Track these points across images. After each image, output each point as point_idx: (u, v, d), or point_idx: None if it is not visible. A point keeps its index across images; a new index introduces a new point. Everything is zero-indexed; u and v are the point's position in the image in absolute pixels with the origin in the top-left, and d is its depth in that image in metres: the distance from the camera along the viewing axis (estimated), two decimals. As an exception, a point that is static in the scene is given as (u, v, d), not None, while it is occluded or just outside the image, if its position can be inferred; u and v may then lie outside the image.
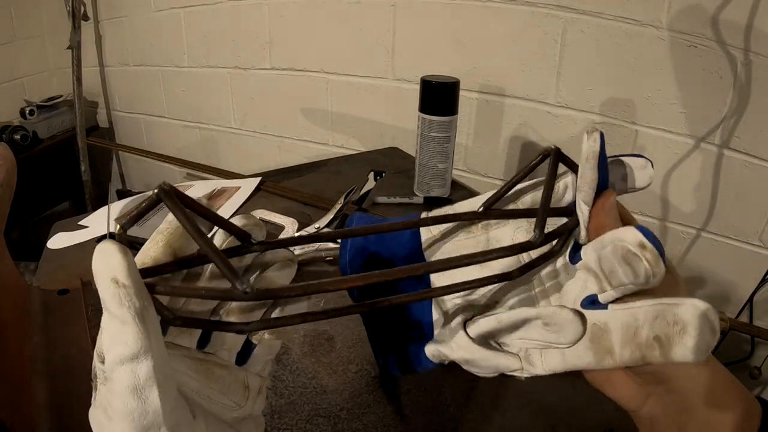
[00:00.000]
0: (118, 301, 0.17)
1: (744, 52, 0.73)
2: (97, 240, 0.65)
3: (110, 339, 0.17)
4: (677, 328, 0.20)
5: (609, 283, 0.22)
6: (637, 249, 0.20)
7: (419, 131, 0.76)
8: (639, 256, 0.20)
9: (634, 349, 0.21)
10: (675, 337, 0.20)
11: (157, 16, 1.30)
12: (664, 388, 0.23)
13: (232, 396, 0.23)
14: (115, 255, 0.18)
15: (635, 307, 0.22)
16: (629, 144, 0.86)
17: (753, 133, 0.77)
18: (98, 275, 0.18)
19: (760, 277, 0.79)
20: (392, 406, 0.43)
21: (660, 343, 0.21)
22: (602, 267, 0.22)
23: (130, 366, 0.17)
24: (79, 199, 1.46)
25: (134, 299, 0.17)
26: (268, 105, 1.24)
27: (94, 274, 0.18)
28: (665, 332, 0.20)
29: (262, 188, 0.81)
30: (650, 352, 0.21)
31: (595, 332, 0.22)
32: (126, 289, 0.17)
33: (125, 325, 0.17)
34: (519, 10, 0.87)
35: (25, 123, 1.32)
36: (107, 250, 0.18)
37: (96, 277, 0.18)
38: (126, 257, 0.18)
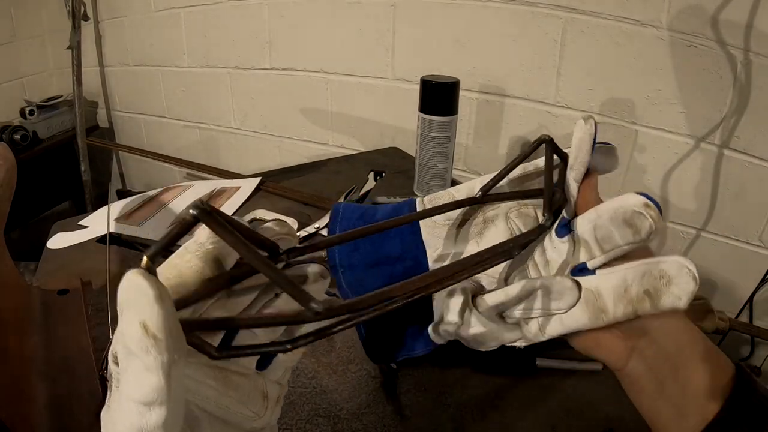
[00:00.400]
0: (144, 348, 0.15)
1: (744, 52, 0.73)
2: (97, 240, 0.65)
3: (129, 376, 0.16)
4: (663, 281, 0.23)
5: (600, 248, 0.25)
6: (642, 209, 0.23)
7: (419, 131, 0.76)
8: (644, 215, 0.23)
9: (626, 305, 0.24)
10: (662, 288, 0.23)
11: (157, 16, 1.30)
12: (647, 340, 0.25)
13: (251, 405, 0.22)
14: (148, 299, 0.15)
15: (623, 268, 0.24)
16: (629, 144, 0.86)
17: (753, 133, 0.77)
18: (125, 311, 0.16)
19: (760, 277, 0.79)
20: (392, 406, 0.43)
21: (649, 295, 0.23)
22: (596, 235, 0.25)
23: (142, 408, 0.16)
24: (79, 199, 1.46)
25: (164, 353, 0.15)
26: (268, 105, 1.24)
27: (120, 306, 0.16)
28: (653, 285, 0.23)
29: (262, 188, 0.81)
30: (641, 305, 0.23)
31: (588, 296, 0.25)
32: (156, 341, 0.15)
33: (147, 372, 0.15)
34: (519, 10, 0.87)
35: (25, 123, 1.32)
36: (140, 287, 0.15)
37: (121, 310, 0.16)
38: (162, 304, 0.15)
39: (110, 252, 0.62)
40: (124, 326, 0.15)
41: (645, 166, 0.87)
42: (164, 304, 0.15)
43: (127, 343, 0.15)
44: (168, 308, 0.15)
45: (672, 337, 0.25)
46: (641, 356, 0.25)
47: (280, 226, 0.23)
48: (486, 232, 0.30)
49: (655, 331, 0.25)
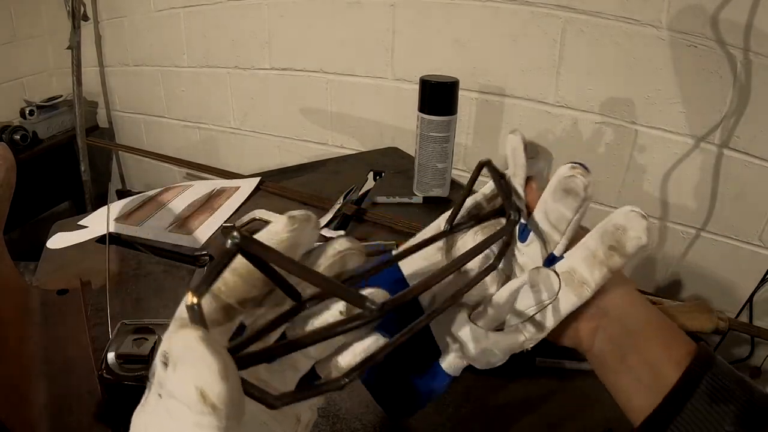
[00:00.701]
0: (199, 411, 0.14)
1: (744, 51, 0.73)
2: (97, 240, 0.65)
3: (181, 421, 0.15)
4: (620, 231, 0.25)
5: (558, 231, 0.27)
6: (570, 171, 0.26)
7: (419, 131, 0.76)
8: (573, 175, 0.26)
9: (600, 267, 0.26)
10: (622, 237, 0.25)
11: (157, 16, 1.30)
12: (609, 318, 0.27)
13: (285, 425, 0.21)
14: (211, 370, 0.14)
15: (583, 241, 0.27)
16: (629, 144, 0.86)
17: (753, 133, 0.77)
18: (179, 365, 0.14)
19: (760, 277, 0.79)
20: (392, 405, 0.43)
21: (614, 249, 0.25)
22: (550, 219, 0.27)
23: None
24: (79, 199, 1.46)
25: (222, 421, 0.14)
26: (268, 105, 1.24)
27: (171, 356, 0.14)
28: (614, 239, 0.25)
29: (261, 188, 0.81)
30: (612, 261, 0.26)
31: (566, 277, 0.27)
32: (215, 410, 0.14)
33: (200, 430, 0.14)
34: (518, 9, 0.87)
35: (24, 123, 1.32)
36: (202, 356, 0.14)
37: (174, 362, 0.14)
38: (228, 380, 0.14)
39: (110, 252, 0.62)
40: (177, 379, 0.14)
41: (645, 166, 0.87)
42: (230, 379, 0.14)
43: (177, 394, 0.14)
44: (233, 382, 0.14)
45: (631, 314, 0.27)
46: (605, 334, 0.28)
47: (341, 244, 0.23)
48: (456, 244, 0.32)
49: (615, 310, 0.27)
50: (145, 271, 0.60)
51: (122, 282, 0.57)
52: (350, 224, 0.71)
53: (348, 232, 0.65)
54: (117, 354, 0.42)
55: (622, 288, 0.28)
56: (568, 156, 0.29)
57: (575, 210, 0.26)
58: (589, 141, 0.90)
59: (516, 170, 0.30)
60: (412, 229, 0.68)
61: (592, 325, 0.28)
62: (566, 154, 0.93)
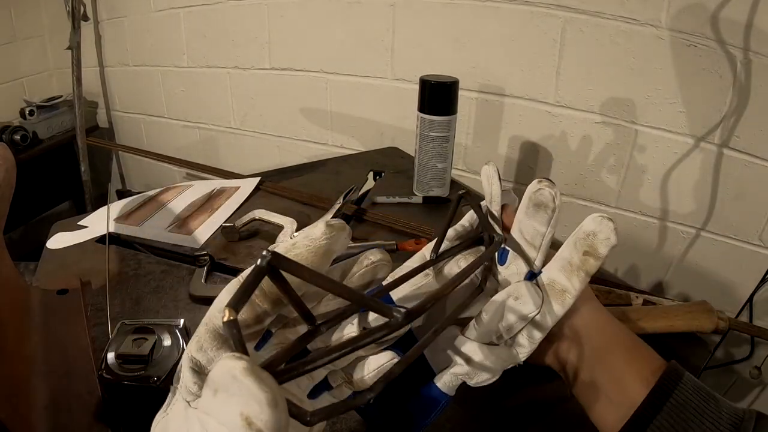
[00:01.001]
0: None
1: (744, 51, 0.73)
2: (96, 240, 0.65)
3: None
4: (591, 237, 0.26)
5: (533, 247, 0.29)
6: (537, 185, 0.27)
7: (418, 131, 0.76)
8: (540, 188, 0.27)
9: (577, 274, 0.27)
10: (594, 241, 0.26)
11: (157, 16, 1.30)
12: (579, 337, 0.29)
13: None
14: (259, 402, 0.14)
15: (558, 253, 0.28)
16: (629, 143, 0.86)
17: (753, 133, 0.77)
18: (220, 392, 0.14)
19: (760, 277, 0.79)
20: (391, 405, 0.43)
21: (588, 254, 0.27)
22: (526, 237, 0.29)
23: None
24: (79, 199, 1.46)
25: None
26: (268, 105, 1.24)
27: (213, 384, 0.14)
28: (586, 244, 0.27)
29: (261, 188, 0.81)
30: (588, 265, 0.27)
31: (548, 289, 0.28)
32: None
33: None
34: (518, 9, 0.87)
35: (25, 123, 1.32)
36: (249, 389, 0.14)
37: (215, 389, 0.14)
38: (276, 409, 0.14)
39: (110, 252, 0.62)
40: (220, 404, 0.14)
41: (645, 166, 0.87)
42: (279, 406, 0.14)
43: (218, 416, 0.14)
44: (282, 409, 0.14)
45: (598, 332, 0.29)
46: (576, 352, 0.29)
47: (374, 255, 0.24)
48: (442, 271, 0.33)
49: (584, 329, 0.29)
50: (145, 271, 0.60)
51: (122, 282, 0.57)
52: (350, 224, 0.71)
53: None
54: (117, 354, 0.42)
55: (590, 305, 0.30)
56: (568, 156, 0.30)
57: (547, 222, 0.28)
58: (589, 141, 0.90)
59: (492, 197, 0.32)
60: (412, 229, 0.68)
61: (565, 344, 0.30)
62: (566, 154, 0.93)
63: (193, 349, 0.18)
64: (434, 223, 0.70)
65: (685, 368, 0.28)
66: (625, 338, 0.29)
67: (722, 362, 0.86)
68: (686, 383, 0.25)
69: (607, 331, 0.29)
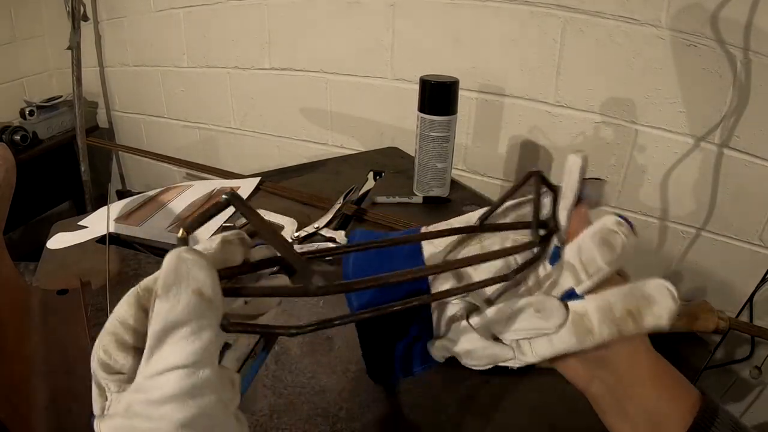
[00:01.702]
0: (199, 312, 0.18)
1: (744, 51, 0.73)
2: (97, 240, 0.65)
3: (175, 348, 0.18)
4: (645, 301, 0.24)
5: (586, 272, 0.26)
6: (615, 227, 0.25)
7: (418, 131, 0.76)
8: (617, 231, 0.25)
9: (610, 325, 0.25)
10: (644, 308, 0.24)
11: (157, 16, 1.30)
12: (607, 371, 0.26)
13: (226, 391, 0.23)
14: (201, 267, 0.18)
15: (607, 291, 0.26)
16: (629, 143, 0.86)
17: (753, 133, 0.77)
18: (173, 287, 0.18)
19: (760, 277, 0.79)
20: (391, 406, 0.43)
21: (632, 316, 0.24)
22: (582, 258, 0.26)
23: (190, 371, 0.18)
24: (79, 199, 1.46)
25: (216, 312, 0.18)
26: (268, 105, 1.24)
27: (164, 284, 0.18)
28: (636, 306, 0.24)
29: (261, 188, 0.81)
30: (625, 325, 0.24)
31: (575, 318, 0.26)
32: (210, 303, 0.18)
33: (200, 333, 0.18)
34: (518, 9, 0.87)
35: (25, 123, 1.32)
36: (189, 259, 0.18)
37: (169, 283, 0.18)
38: (213, 271, 0.18)
39: (110, 252, 0.62)
40: (171, 302, 0.18)
41: (645, 166, 0.87)
42: (213, 271, 0.18)
43: (171, 318, 0.18)
44: (216, 275, 0.19)
45: (631, 367, 0.26)
46: (602, 382, 0.27)
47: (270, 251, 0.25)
48: (482, 242, 0.31)
49: (615, 362, 0.26)
50: (145, 271, 0.60)
51: (122, 282, 0.57)
52: (350, 224, 0.71)
53: (348, 233, 0.65)
54: (117, 354, 0.42)
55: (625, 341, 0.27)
56: (567, 156, 0.29)
57: (608, 262, 0.25)
58: (589, 141, 0.90)
59: (566, 192, 0.28)
60: (412, 229, 0.68)
61: (588, 372, 0.28)
62: (566, 154, 0.93)
63: (103, 357, 0.20)
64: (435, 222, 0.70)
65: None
66: (661, 371, 0.26)
67: (722, 362, 0.86)
68: (722, 418, 0.24)
69: (642, 364, 0.26)
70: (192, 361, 0.18)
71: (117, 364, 0.20)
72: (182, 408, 0.18)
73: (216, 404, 0.20)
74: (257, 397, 0.43)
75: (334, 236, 0.63)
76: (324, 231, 0.65)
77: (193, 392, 0.18)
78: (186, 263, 0.18)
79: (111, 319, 0.20)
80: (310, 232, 0.64)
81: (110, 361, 0.20)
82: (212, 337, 0.19)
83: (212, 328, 0.19)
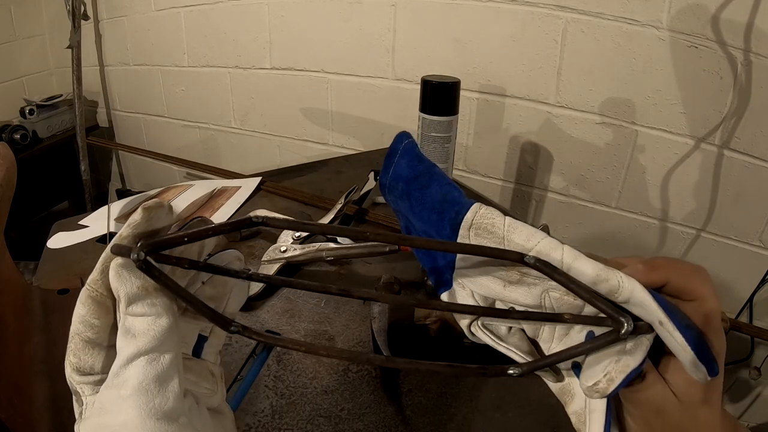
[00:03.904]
0: (150, 302, 0.20)
1: (744, 52, 0.73)
2: (97, 240, 0.65)
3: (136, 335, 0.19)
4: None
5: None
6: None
7: (419, 131, 0.76)
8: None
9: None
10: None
11: (157, 16, 1.30)
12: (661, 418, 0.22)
13: (205, 383, 0.24)
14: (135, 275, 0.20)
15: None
16: (629, 144, 0.87)
17: (753, 134, 0.77)
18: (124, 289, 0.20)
19: (760, 277, 0.79)
20: (393, 406, 0.43)
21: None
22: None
23: (152, 356, 0.19)
24: (79, 199, 1.46)
25: (166, 299, 0.20)
26: (269, 105, 1.24)
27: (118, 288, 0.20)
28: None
29: (262, 188, 0.81)
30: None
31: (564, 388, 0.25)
32: (157, 292, 0.20)
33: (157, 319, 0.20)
34: (519, 10, 0.87)
35: (24, 122, 1.32)
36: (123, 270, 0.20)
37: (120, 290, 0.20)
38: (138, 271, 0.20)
39: (110, 252, 0.62)
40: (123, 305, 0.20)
41: (645, 167, 0.87)
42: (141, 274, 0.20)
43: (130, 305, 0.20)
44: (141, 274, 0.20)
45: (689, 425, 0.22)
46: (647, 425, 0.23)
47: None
48: (518, 285, 0.25)
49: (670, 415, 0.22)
50: (146, 270, 0.59)
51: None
52: (351, 224, 0.71)
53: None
54: (118, 354, 0.42)
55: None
56: (568, 157, 0.28)
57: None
58: (589, 141, 0.90)
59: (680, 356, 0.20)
60: (413, 230, 0.68)
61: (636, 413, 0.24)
62: (567, 154, 0.93)
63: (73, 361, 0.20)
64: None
65: None
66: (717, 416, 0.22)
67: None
68: None
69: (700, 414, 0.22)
70: (153, 346, 0.19)
71: (86, 364, 0.20)
72: (150, 397, 0.19)
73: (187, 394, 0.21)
74: (259, 398, 0.43)
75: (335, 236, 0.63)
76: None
77: (159, 378, 0.19)
78: (122, 273, 0.20)
79: (73, 322, 0.21)
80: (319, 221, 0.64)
81: (80, 363, 0.20)
82: (169, 320, 0.20)
83: (167, 313, 0.20)
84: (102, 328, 0.20)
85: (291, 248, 0.59)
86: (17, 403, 0.39)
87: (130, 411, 0.18)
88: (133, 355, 0.19)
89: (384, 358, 0.24)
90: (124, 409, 0.18)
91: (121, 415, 0.18)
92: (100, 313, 0.21)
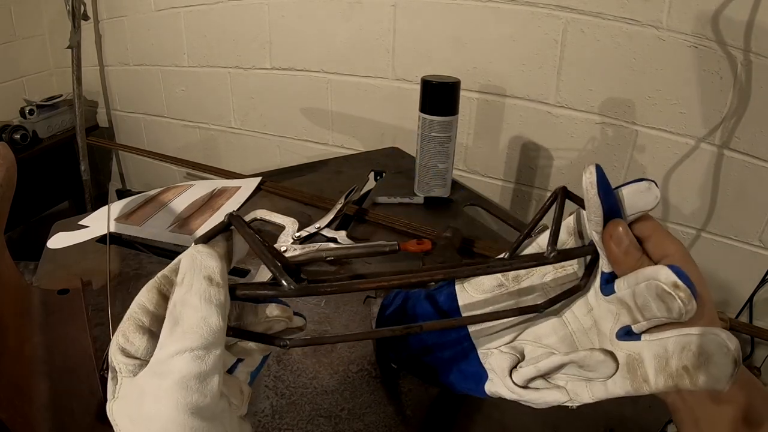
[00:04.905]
0: (207, 297, 0.20)
1: (744, 52, 0.73)
2: (97, 240, 0.65)
3: (186, 330, 0.20)
4: (702, 358, 0.22)
5: (642, 315, 0.24)
6: (671, 288, 0.22)
7: (420, 131, 0.76)
8: (673, 295, 0.21)
9: (666, 378, 0.23)
10: (701, 367, 0.22)
11: (157, 16, 1.30)
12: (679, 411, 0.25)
13: (235, 398, 0.25)
14: (212, 258, 0.21)
15: (665, 337, 0.23)
16: (629, 144, 0.87)
17: (753, 134, 0.77)
18: (186, 277, 0.21)
19: (760, 277, 0.79)
20: (393, 406, 0.43)
21: (688, 372, 0.22)
22: (636, 301, 0.24)
23: (198, 354, 0.20)
24: (79, 199, 1.46)
25: (223, 298, 0.21)
26: (269, 105, 1.24)
27: (182, 269, 0.21)
28: (692, 363, 0.22)
29: (262, 188, 0.81)
30: (681, 381, 0.22)
31: (631, 363, 0.24)
32: (219, 288, 0.21)
33: (209, 318, 0.20)
34: (519, 10, 0.87)
35: (25, 122, 1.32)
36: (203, 251, 0.21)
37: (184, 272, 0.21)
38: (222, 262, 0.21)
39: (110, 252, 0.62)
40: (185, 290, 0.21)
41: (645, 167, 0.87)
42: (222, 262, 0.21)
43: (189, 299, 0.20)
44: (224, 266, 0.22)
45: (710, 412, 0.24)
46: (681, 398, 0.25)
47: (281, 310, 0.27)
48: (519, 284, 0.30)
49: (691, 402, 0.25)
50: (146, 271, 0.59)
51: (123, 282, 0.57)
52: (351, 224, 0.71)
53: (349, 233, 0.65)
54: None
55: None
56: (568, 157, 0.29)
57: (665, 317, 0.23)
58: (589, 141, 0.90)
59: (588, 213, 0.24)
60: (414, 230, 0.68)
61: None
62: (567, 154, 0.93)
63: (121, 341, 0.21)
64: (436, 223, 0.70)
65: None
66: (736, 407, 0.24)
67: (722, 363, 0.86)
68: None
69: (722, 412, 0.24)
70: (201, 344, 0.20)
71: (132, 347, 0.21)
72: (189, 392, 0.19)
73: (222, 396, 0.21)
74: (259, 398, 0.43)
75: (336, 236, 0.63)
76: (325, 231, 0.65)
77: (201, 375, 0.20)
78: (201, 254, 0.21)
79: (132, 305, 0.22)
80: (311, 232, 0.64)
81: (127, 345, 0.21)
82: (220, 322, 0.20)
83: (220, 314, 0.20)
84: (157, 318, 0.21)
85: (291, 248, 0.59)
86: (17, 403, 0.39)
87: (167, 402, 0.19)
88: (181, 349, 0.19)
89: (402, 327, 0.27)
90: (161, 399, 0.19)
91: (156, 405, 0.19)
92: (160, 304, 0.22)
